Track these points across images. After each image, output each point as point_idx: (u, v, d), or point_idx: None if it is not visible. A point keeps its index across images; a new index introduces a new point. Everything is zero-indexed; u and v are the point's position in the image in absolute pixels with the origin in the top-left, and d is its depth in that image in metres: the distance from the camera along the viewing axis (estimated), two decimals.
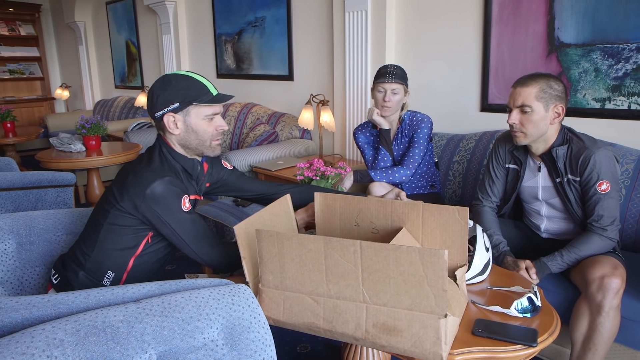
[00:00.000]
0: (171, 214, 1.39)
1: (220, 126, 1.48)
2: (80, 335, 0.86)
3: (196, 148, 1.48)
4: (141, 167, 1.41)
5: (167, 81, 1.42)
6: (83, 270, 1.45)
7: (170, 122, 1.43)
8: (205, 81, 1.45)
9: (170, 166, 1.46)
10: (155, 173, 1.38)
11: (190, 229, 1.43)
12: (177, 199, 1.39)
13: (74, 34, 7.32)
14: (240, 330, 1.04)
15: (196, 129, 1.44)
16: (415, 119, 2.34)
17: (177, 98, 1.40)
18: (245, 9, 4.36)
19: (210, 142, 1.48)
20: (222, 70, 4.81)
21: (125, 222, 1.42)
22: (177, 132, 1.45)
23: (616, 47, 2.26)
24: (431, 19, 2.97)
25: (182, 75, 1.43)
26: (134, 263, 1.47)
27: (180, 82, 1.41)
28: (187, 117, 1.43)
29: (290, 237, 1.13)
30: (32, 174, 2.38)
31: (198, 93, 1.41)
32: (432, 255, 0.99)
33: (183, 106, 1.41)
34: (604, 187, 1.68)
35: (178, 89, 1.40)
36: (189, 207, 1.42)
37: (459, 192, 2.65)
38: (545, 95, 1.68)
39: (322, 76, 3.75)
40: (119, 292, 1.06)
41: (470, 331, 1.19)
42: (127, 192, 1.38)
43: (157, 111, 1.43)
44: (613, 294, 1.54)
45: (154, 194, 1.36)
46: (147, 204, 1.36)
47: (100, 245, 1.44)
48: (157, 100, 1.41)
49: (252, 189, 1.77)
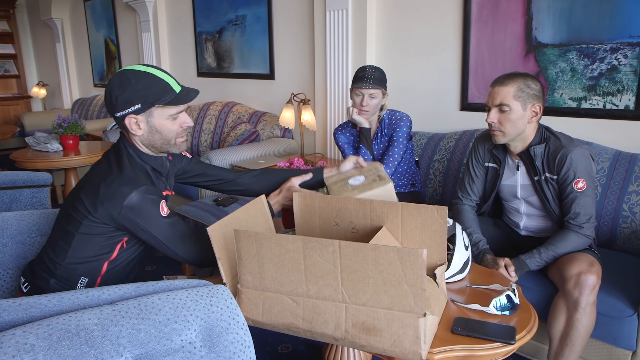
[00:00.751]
0: (151, 222, 1.35)
1: (185, 123, 1.42)
2: (52, 339, 0.84)
3: (161, 147, 1.43)
4: (113, 178, 1.34)
5: (125, 79, 1.33)
6: (54, 278, 1.40)
7: (132, 123, 1.36)
8: (167, 77, 1.36)
9: (140, 169, 1.41)
10: (129, 183, 1.33)
11: (171, 233, 1.39)
12: (155, 206, 1.35)
13: (50, 31, 7.17)
14: (219, 332, 1.03)
15: (160, 129, 1.38)
16: (394, 117, 2.35)
17: (138, 99, 1.32)
18: (225, 7, 4.33)
19: (175, 140, 1.43)
20: (203, 69, 4.76)
21: (99, 230, 1.37)
22: (140, 133, 1.38)
23: (591, 47, 2.29)
24: (411, 19, 2.99)
25: (142, 72, 1.34)
26: (108, 267, 1.44)
27: (140, 80, 1.32)
28: (150, 118, 1.36)
29: (269, 237, 1.13)
30: (6, 174, 2.32)
31: (161, 92, 1.34)
32: (411, 255, 0.99)
33: (145, 107, 1.34)
34: (580, 185, 1.70)
35: (138, 89, 1.32)
36: (167, 212, 1.39)
37: (440, 190, 2.66)
38: (523, 95, 1.70)
39: (303, 75, 3.74)
40: (94, 295, 1.04)
41: (450, 330, 1.19)
42: (101, 205, 1.32)
43: (117, 112, 1.35)
44: (589, 290, 1.57)
45: (132, 205, 1.31)
46: (126, 216, 1.33)
47: (72, 253, 1.39)
48: (117, 101, 1.33)
49: (213, 174, 1.74)
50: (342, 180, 1.65)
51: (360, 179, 1.61)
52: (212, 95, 4.69)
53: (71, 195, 1.42)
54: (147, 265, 3.19)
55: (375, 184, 1.55)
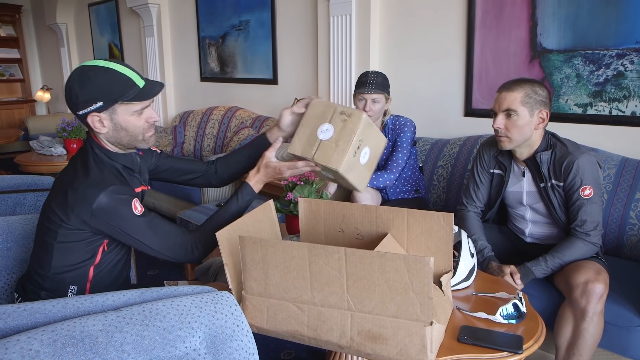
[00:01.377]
0: (125, 222, 1.31)
1: (151, 118, 1.37)
2: (57, 345, 0.84)
3: (128, 143, 1.37)
4: (80, 182, 1.29)
5: (85, 76, 1.27)
6: (44, 290, 1.37)
7: (96, 121, 1.30)
8: (129, 72, 1.30)
9: (109, 169, 1.36)
10: (96, 185, 1.28)
11: (147, 231, 1.35)
12: (126, 206, 1.30)
13: (55, 35, 7.20)
14: (223, 339, 1.02)
15: (125, 126, 1.33)
16: (398, 123, 2.34)
17: (100, 97, 1.26)
18: (229, 12, 4.34)
19: (142, 136, 1.37)
20: (206, 74, 4.77)
21: (76, 237, 1.33)
22: (105, 131, 1.33)
23: (597, 53, 2.29)
24: (415, 24, 2.99)
25: (102, 67, 1.27)
26: (94, 272, 1.40)
27: (100, 76, 1.26)
28: (114, 115, 1.31)
29: (274, 243, 1.12)
30: (10, 178, 2.32)
31: (123, 89, 1.28)
32: (418, 263, 0.98)
33: (108, 105, 1.28)
34: (587, 193, 1.69)
35: (99, 86, 1.26)
36: (141, 210, 1.34)
37: (443, 196, 2.65)
38: (531, 101, 1.70)
39: (307, 80, 3.74)
40: (98, 301, 1.03)
41: (456, 338, 1.18)
42: (72, 212, 1.28)
43: (79, 110, 1.29)
44: (597, 299, 1.55)
45: (102, 207, 1.27)
46: (98, 219, 1.28)
47: (55, 264, 1.35)
48: (77, 99, 1.27)
49: (183, 167, 1.68)
50: (308, 140, 1.43)
51: (327, 128, 1.41)
52: (215, 100, 4.69)
53: (44, 206, 1.38)
54: (149, 269, 3.18)
55: (349, 124, 1.37)
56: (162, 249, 1.38)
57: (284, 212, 1.86)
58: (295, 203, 1.80)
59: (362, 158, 1.42)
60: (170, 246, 1.38)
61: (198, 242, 1.41)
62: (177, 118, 4.83)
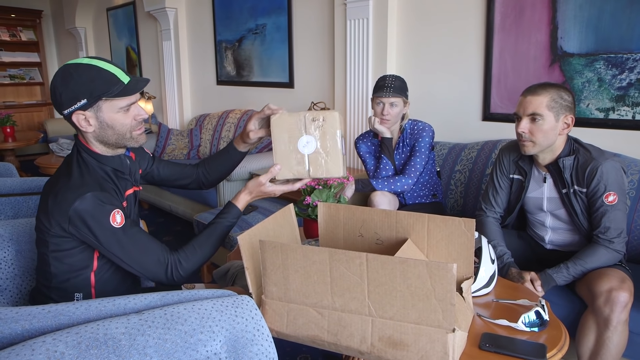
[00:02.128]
0: (99, 232, 1.25)
1: (138, 115, 1.33)
2: (81, 348, 0.84)
3: (116, 143, 1.33)
4: (59, 187, 1.27)
5: (68, 74, 1.24)
6: (52, 300, 1.35)
7: (81, 120, 1.27)
8: (113, 68, 1.27)
9: (94, 174, 1.31)
10: (75, 190, 1.24)
11: (123, 246, 1.28)
12: (103, 215, 1.25)
13: (74, 39, 7.32)
14: (244, 343, 1.02)
15: (112, 123, 1.29)
16: (416, 127, 2.33)
17: (83, 94, 1.23)
18: (246, 16, 4.36)
19: (130, 134, 1.33)
20: (222, 77, 4.80)
21: (68, 245, 1.30)
22: (91, 130, 1.29)
23: (620, 57, 2.25)
24: (433, 28, 2.97)
25: (85, 64, 1.25)
26: (96, 278, 1.37)
27: (83, 74, 1.24)
28: (99, 113, 1.27)
29: (295, 248, 1.12)
30: (31, 180, 2.36)
31: (106, 85, 1.24)
32: (440, 269, 0.97)
33: (92, 102, 1.25)
34: (611, 199, 1.66)
35: (82, 83, 1.23)
36: (121, 222, 1.27)
37: (461, 201, 2.63)
38: (556, 105, 1.67)
39: (323, 84, 3.74)
40: (120, 303, 1.04)
41: (477, 345, 1.17)
42: (53, 217, 1.25)
43: (64, 109, 1.26)
44: (621, 307, 1.52)
45: (78, 213, 1.23)
46: (73, 225, 1.24)
47: (55, 274, 1.33)
48: (61, 98, 1.25)
49: (181, 172, 1.65)
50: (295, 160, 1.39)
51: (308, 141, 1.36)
52: (231, 103, 4.72)
53: (36, 216, 1.36)
54: None
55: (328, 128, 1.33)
56: (135, 265, 1.31)
57: (302, 216, 1.86)
58: (314, 207, 1.80)
59: (343, 148, 1.41)
60: (146, 264, 1.31)
61: (179, 264, 1.35)
62: (194, 121, 4.86)
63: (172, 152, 4.47)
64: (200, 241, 1.41)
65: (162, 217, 4.36)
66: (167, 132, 4.55)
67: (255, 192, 1.47)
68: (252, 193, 1.47)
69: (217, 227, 1.43)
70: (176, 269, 1.34)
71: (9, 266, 1.50)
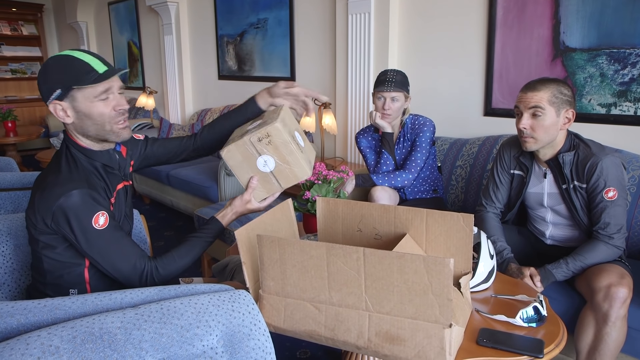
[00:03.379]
0: (79, 231, 1.24)
1: (119, 106, 1.29)
2: (76, 342, 0.84)
3: (96, 134, 1.31)
4: (47, 183, 1.26)
5: (46, 66, 1.26)
6: (47, 297, 1.34)
7: (58, 110, 1.27)
8: (89, 58, 1.26)
9: (82, 171, 1.30)
10: (61, 186, 1.23)
11: (101, 248, 1.27)
12: (86, 215, 1.24)
13: (75, 34, 7.31)
14: (240, 338, 1.02)
15: (88, 113, 1.27)
16: (417, 122, 2.32)
17: (57, 84, 1.24)
18: (247, 11, 4.35)
19: (111, 127, 1.30)
20: (224, 72, 4.79)
21: (55, 241, 1.30)
22: (70, 121, 1.29)
23: (623, 52, 2.24)
24: (435, 22, 2.95)
25: (62, 56, 1.26)
26: (89, 274, 1.36)
27: (57, 64, 1.25)
28: (75, 103, 1.26)
29: (292, 242, 1.11)
30: (31, 174, 2.36)
31: (78, 74, 1.23)
32: (438, 264, 0.97)
33: (65, 92, 1.24)
34: (611, 195, 1.65)
35: (56, 73, 1.24)
36: (103, 225, 1.26)
37: (462, 197, 2.62)
38: (557, 100, 1.66)
39: (325, 79, 3.73)
40: (116, 298, 1.04)
41: (475, 341, 1.16)
42: (39, 213, 1.24)
43: (46, 101, 1.27)
44: (620, 303, 1.52)
45: (61, 209, 1.22)
46: (56, 221, 1.23)
47: (48, 270, 1.33)
48: (42, 89, 1.26)
49: (178, 146, 1.61)
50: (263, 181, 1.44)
51: (265, 159, 1.40)
52: (233, 98, 4.71)
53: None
54: None
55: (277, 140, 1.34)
56: (110, 269, 1.30)
57: (301, 211, 1.86)
58: (313, 202, 1.79)
59: (301, 146, 1.43)
60: (121, 269, 1.30)
61: (155, 271, 1.34)
62: (195, 116, 4.86)
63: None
64: (181, 253, 1.39)
65: (163, 212, 4.36)
66: (169, 127, 4.55)
67: (241, 211, 1.47)
68: (239, 213, 1.47)
69: (198, 242, 1.43)
70: (151, 275, 1.33)
71: (7, 260, 1.51)
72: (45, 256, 1.32)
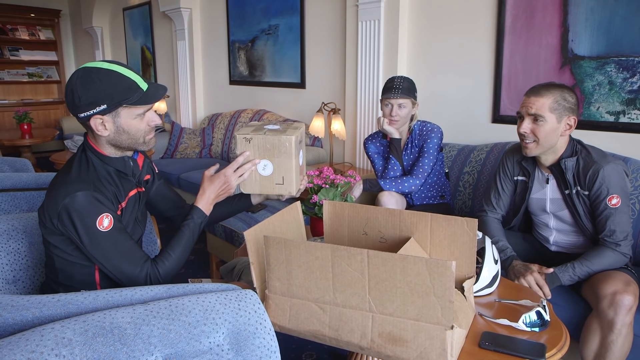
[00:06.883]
0: (83, 232, 1.26)
1: (152, 121, 1.36)
2: (88, 335, 0.87)
3: (129, 146, 1.37)
4: (56, 183, 1.30)
5: (89, 78, 1.25)
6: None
7: (98, 124, 1.29)
8: (133, 75, 1.30)
9: (92, 173, 1.33)
10: (69, 186, 1.26)
11: (103, 250, 1.29)
12: (91, 216, 1.26)
13: (91, 38, 7.44)
14: (246, 336, 1.04)
15: (127, 129, 1.32)
16: (425, 128, 2.34)
17: (104, 99, 1.26)
18: (259, 17, 4.40)
19: (143, 139, 1.37)
20: (235, 77, 4.85)
21: (66, 243, 1.33)
22: (107, 134, 1.32)
23: (631, 60, 2.24)
24: (444, 30, 2.98)
25: (105, 69, 1.27)
26: (100, 275, 1.39)
27: (104, 79, 1.26)
28: (117, 118, 1.30)
29: (298, 244, 1.14)
30: (46, 175, 2.41)
31: (127, 92, 1.27)
32: (440, 266, 0.99)
33: (112, 108, 1.28)
34: (614, 202, 1.66)
35: (104, 88, 1.25)
36: (107, 227, 1.28)
37: (469, 203, 2.63)
38: (559, 107, 1.67)
39: (334, 84, 3.76)
40: (127, 294, 1.07)
41: (477, 344, 1.18)
42: (47, 212, 1.28)
43: (81, 113, 1.28)
44: (626, 311, 1.52)
45: (67, 209, 1.24)
46: (61, 221, 1.26)
47: (60, 269, 1.37)
48: (80, 102, 1.26)
49: (176, 200, 1.67)
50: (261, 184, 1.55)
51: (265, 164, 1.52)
52: (243, 103, 4.77)
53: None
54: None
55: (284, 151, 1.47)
56: (114, 270, 1.32)
57: (309, 214, 1.88)
58: (320, 205, 1.82)
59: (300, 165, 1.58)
60: (125, 271, 1.32)
61: (157, 272, 1.36)
62: (206, 120, 4.92)
63: (184, 150, 4.53)
64: (172, 245, 1.42)
65: None
66: (180, 131, 4.61)
67: (208, 187, 1.51)
68: (206, 190, 1.50)
69: (184, 230, 1.45)
70: (155, 276, 1.36)
71: (22, 258, 1.55)
72: (56, 255, 1.36)
